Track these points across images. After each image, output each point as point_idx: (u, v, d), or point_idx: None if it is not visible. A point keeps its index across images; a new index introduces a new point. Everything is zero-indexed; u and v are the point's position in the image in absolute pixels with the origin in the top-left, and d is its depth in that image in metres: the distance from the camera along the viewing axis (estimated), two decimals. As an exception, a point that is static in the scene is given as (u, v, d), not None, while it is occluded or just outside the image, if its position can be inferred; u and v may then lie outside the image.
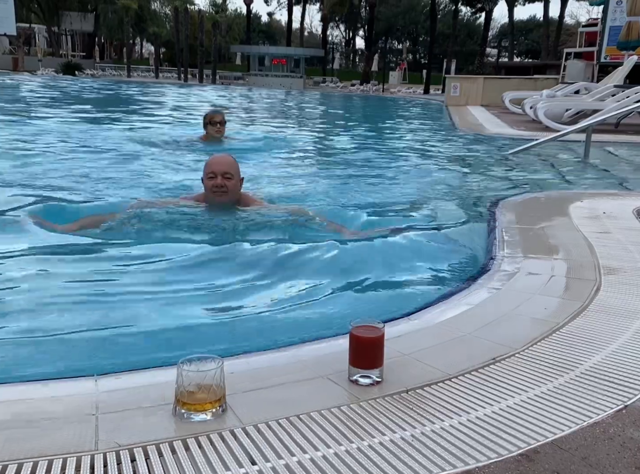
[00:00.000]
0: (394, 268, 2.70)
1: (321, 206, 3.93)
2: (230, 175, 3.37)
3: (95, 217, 3.31)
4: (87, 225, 3.23)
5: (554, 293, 2.37)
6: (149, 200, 3.74)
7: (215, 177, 3.34)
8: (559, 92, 13.04)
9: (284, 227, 3.32)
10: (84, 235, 3.09)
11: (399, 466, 1.28)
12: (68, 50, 41.56)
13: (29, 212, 3.39)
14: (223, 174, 3.34)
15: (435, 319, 2.12)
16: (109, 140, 7.25)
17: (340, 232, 3.29)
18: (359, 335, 1.64)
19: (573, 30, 40.36)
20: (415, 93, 28.60)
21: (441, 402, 1.56)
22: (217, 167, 3.37)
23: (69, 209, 3.62)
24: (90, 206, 3.70)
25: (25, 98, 15.41)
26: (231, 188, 3.38)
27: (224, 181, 3.34)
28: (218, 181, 3.33)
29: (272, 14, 62.58)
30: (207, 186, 3.40)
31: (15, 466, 1.21)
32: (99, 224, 3.22)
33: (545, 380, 1.68)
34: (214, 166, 3.38)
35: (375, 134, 10.63)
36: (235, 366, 1.68)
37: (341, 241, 2.99)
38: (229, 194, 3.38)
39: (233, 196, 3.44)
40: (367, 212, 3.80)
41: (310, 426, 1.42)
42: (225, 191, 3.36)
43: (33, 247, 2.87)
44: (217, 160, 3.45)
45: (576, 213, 3.72)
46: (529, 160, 6.98)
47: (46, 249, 2.86)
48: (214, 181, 3.34)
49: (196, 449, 1.31)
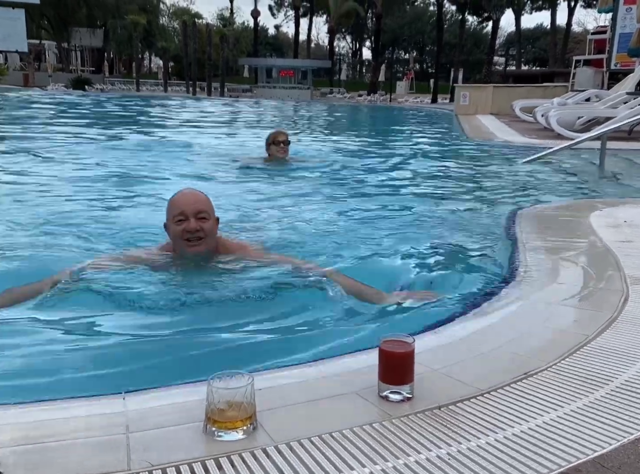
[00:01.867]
0: (416, 281, 2.67)
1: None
2: (206, 215, 2.59)
3: (24, 288, 2.44)
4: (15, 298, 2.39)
5: (582, 305, 2.33)
6: (95, 262, 2.71)
7: (187, 219, 2.55)
8: (569, 100, 12.99)
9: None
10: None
11: (438, 485, 1.25)
12: (78, 66, 41.97)
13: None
14: (196, 215, 2.55)
15: (462, 333, 2.09)
16: (156, 160, 6.71)
17: (364, 295, 2.46)
18: (389, 350, 1.61)
19: (581, 38, 40.33)
20: (422, 103, 28.64)
21: (475, 419, 1.52)
22: (188, 206, 2.57)
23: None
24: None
25: (59, 113, 15.46)
26: (208, 232, 2.60)
27: (198, 224, 2.55)
28: (191, 224, 2.54)
29: (279, 27, 63.19)
30: (176, 233, 2.59)
31: (48, 489, 1.19)
32: (31, 295, 2.39)
33: (580, 395, 1.64)
34: (183, 205, 2.58)
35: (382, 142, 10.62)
36: (263, 382, 1.65)
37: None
38: (207, 240, 2.61)
39: (210, 243, 2.66)
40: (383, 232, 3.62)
41: (343, 444, 1.39)
42: (202, 237, 2.58)
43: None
44: (185, 197, 2.64)
45: (597, 222, 3.68)
46: (544, 169, 6.93)
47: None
48: (186, 225, 2.55)
49: (229, 468, 1.29)
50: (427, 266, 2.93)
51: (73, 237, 3.38)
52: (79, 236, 3.41)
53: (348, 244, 3.37)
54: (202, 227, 2.57)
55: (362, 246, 3.30)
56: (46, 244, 3.25)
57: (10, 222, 3.70)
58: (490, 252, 3.14)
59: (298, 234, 3.56)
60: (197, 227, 2.55)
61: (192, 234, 2.56)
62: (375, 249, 3.26)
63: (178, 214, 2.57)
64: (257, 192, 4.95)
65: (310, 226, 3.80)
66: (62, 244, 3.24)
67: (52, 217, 3.88)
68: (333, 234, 3.61)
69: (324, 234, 3.58)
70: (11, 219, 3.76)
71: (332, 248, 3.26)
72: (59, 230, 3.55)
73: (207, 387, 1.38)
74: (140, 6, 40.74)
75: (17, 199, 4.47)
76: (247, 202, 4.47)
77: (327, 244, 3.35)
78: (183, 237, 2.58)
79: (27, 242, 3.27)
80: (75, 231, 3.50)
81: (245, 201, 4.54)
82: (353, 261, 3.02)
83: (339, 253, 3.14)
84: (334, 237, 3.54)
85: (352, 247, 3.29)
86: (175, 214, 2.58)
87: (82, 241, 3.32)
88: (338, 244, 3.35)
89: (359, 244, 3.36)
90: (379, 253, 3.17)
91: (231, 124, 15.31)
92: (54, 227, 3.62)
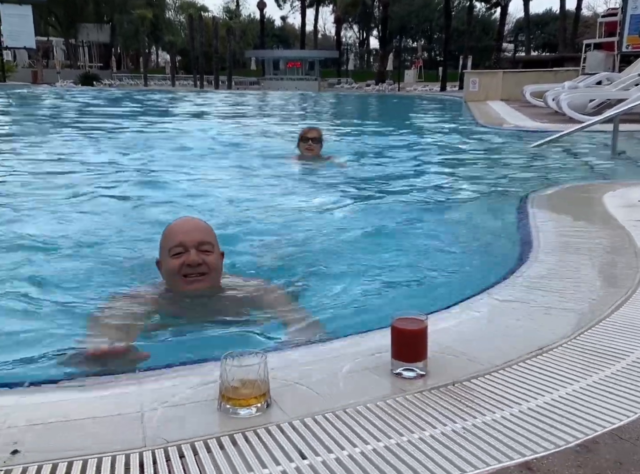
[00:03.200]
0: (430, 262, 2.66)
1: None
2: (209, 246, 2.15)
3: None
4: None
5: (597, 283, 2.31)
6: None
7: (186, 251, 2.10)
8: (581, 84, 12.84)
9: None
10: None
11: (454, 458, 1.24)
12: (85, 62, 42.13)
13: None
14: (198, 246, 2.11)
15: (475, 312, 2.07)
16: (178, 156, 6.40)
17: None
18: (401, 327, 1.60)
19: (591, 22, 39.82)
20: (431, 91, 28.43)
21: (490, 394, 1.51)
22: (188, 235, 2.13)
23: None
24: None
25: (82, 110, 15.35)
26: (212, 267, 2.14)
27: (200, 256, 2.10)
28: (192, 256, 2.09)
29: (285, 18, 62.85)
30: (172, 269, 2.12)
31: (66, 464, 1.20)
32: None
33: (596, 370, 1.63)
34: (182, 235, 2.13)
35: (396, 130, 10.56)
36: (277, 360, 1.65)
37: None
38: (210, 277, 2.15)
39: (214, 281, 2.20)
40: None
41: (357, 420, 1.39)
42: (204, 272, 2.12)
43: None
44: (184, 225, 2.20)
45: (611, 202, 3.64)
46: (556, 152, 6.88)
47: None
48: (185, 258, 2.10)
49: (244, 444, 1.29)
50: (439, 246, 2.91)
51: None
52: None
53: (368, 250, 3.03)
54: (205, 261, 2.10)
55: (386, 241, 3.12)
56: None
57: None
58: (503, 233, 3.12)
59: (303, 248, 3.08)
60: (199, 261, 2.08)
61: (193, 269, 2.09)
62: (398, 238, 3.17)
63: (176, 245, 2.11)
64: (272, 195, 4.51)
65: (323, 237, 3.32)
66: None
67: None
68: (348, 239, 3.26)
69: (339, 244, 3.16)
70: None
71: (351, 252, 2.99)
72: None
73: (221, 365, 1.38)
74: (147, 0, 40.74)
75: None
76: (256, 207, 4.04)
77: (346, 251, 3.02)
78: (181, 273, 2.09)
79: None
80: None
81: (256, 204, 4.13)
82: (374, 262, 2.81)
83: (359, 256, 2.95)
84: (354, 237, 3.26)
85: (371, 253, 2.97)
86: (172, 246, 2.11)
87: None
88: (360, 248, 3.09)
89: (379, 250, 3.02)
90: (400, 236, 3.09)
91: (257, 116, 14.87)
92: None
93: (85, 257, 2.96)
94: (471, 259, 2.74)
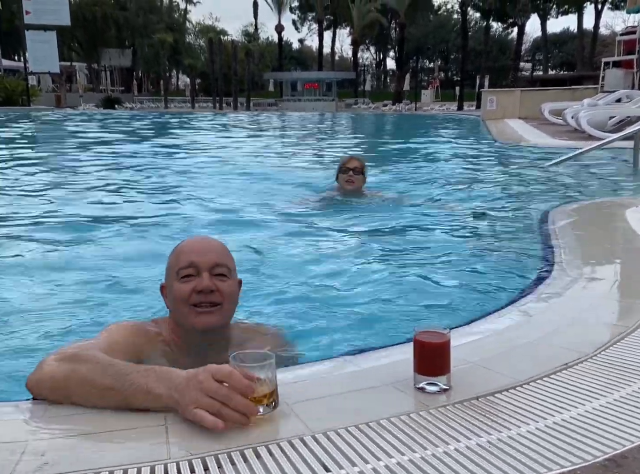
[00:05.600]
0: (451, 278, 2.65)
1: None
2: (225, 270, 1.79)
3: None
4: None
5: (619, 297, 2.28)
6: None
7: (198, 274, 1.74)
8: (600, 101, 12.79)
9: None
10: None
11: (479, 472, 1.23)
12: (107, 85, 43.08)
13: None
14: (212, 269, 1.76)
15: (499, 326, 2.06)
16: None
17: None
18: (424, 341, 1.59)
19: (609, 41, 39.75)
20: (448, 110, 28.53)
21: (515, 408, 1.49)
22: (201, 256, 1.77)
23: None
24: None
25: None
26: (227, 296, 1.77)
27: (213, 282, 1.74)
28: (204, 281, 1.73)
29: (303, 40, 63.91)
30: (180, 295, 1.74)
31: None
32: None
33: (623, 385, 1.60)
34: (194, 255, 1.77)
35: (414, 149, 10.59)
36: (299, 374, 1.65)
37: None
38: (223, 309, 1.77)
39: (227, 314, 1.81)
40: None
41: (380, 434, 1.38)
42: (217, 302, 1.75)
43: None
44: (197, 244, 1.83)
45: (634, 218, 3.60)
46: (576, 170, 6.85)
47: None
48: (197, 283, 1.73)
49: (267, 457, 1.29)
50: (463, 264, 2.89)
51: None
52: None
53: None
54: (219, 288, 1.74)
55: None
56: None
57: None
58: (525, 249, 3.11)
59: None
60: (212, 287, 1.73)
61: (204, 296, 1.73)
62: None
63: (185, 266, 1.75)
64: (307, 235, 4.04)
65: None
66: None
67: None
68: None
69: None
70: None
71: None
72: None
73: (229, 364, 1.40)
74: (168, 25, 41.75)
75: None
76: (285, 250, 3.62)
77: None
78: (190, 302, 1.73)
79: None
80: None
81: (284, 247, 3.69)
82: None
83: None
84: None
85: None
86: (181, 267, 1.75)
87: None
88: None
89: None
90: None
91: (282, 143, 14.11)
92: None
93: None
94: (494, 275, 2.72)
